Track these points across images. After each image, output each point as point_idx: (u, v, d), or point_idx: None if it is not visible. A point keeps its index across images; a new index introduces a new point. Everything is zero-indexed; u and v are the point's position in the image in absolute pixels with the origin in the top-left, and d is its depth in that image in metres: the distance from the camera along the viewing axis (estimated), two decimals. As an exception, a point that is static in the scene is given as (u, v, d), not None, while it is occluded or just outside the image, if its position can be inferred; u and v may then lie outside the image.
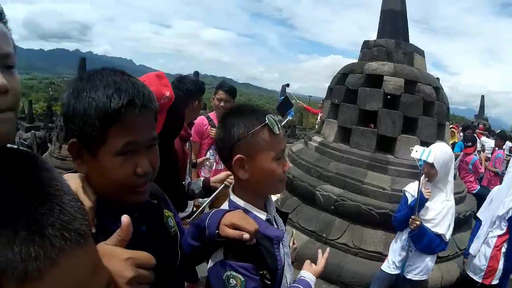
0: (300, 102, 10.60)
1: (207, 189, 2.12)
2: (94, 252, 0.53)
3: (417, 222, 2.51)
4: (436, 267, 3.33)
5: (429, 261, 2.68)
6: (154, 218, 1.03)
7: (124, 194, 0.88)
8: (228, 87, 3.44)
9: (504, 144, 7.17)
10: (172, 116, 1.92)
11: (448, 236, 2.62)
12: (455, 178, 3.51)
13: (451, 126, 9.83)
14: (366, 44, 4.72)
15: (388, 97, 4.12)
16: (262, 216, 1.20)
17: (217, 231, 1.03)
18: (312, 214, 4.00)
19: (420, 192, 2.56)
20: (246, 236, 0.99)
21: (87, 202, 0.81)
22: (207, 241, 1.08)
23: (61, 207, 0.45)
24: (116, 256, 0.68)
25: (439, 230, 2.59)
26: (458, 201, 3.67)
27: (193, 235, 1.14)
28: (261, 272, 1.11)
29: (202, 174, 3.25)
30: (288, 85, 13.24)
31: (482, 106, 25.13)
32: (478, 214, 3.06)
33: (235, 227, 1.02)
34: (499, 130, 10.24)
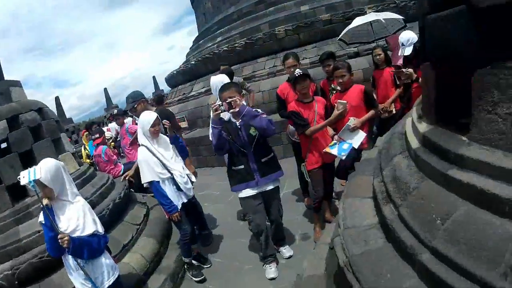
0: None
1: None
2: None
3: (66, 239, 2.31)
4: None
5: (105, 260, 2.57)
6: None
7: None
8: None
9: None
10: None
11: (101, 229, 2.54)
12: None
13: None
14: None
15: (3, 145, 3.90)
16: None
17: None
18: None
19: None
20: None
21: None
22: None
23: None
24: None
25: (90, 230, 2.46)
26: (110, 189, 4.20)
27: None
28: None
29: None
30: None
31: (107, 97, 29.42)
32: None
33: None
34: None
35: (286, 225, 3.89)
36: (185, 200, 3.49)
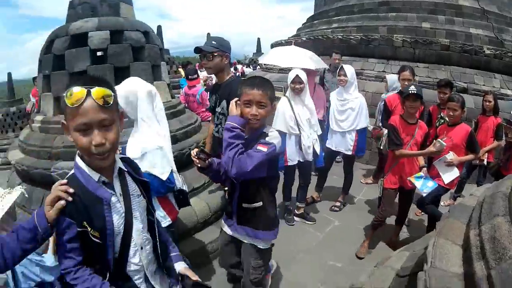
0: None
1: None
2: None
3: None
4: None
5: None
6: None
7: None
8: None
9: None
10: None
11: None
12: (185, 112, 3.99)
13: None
14: (71, 4, 4.26)
15: (99, 53, 3.92)
16: (95, 176, 1.28)
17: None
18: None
19: None
20: (61, 202, 1.21)
21: None
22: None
23: None
24: None
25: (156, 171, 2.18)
26: (196, 131, 4.04)
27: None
28: (85, 229, 1.23)
29: None
30: None
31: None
32: None
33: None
34: None
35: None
36: (302, 160, 3.87)
